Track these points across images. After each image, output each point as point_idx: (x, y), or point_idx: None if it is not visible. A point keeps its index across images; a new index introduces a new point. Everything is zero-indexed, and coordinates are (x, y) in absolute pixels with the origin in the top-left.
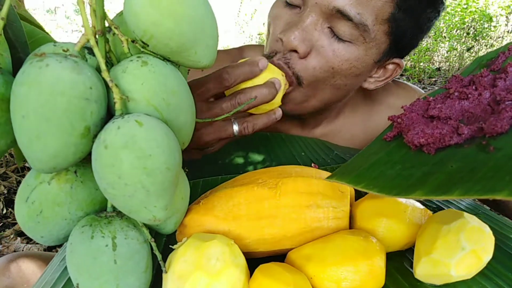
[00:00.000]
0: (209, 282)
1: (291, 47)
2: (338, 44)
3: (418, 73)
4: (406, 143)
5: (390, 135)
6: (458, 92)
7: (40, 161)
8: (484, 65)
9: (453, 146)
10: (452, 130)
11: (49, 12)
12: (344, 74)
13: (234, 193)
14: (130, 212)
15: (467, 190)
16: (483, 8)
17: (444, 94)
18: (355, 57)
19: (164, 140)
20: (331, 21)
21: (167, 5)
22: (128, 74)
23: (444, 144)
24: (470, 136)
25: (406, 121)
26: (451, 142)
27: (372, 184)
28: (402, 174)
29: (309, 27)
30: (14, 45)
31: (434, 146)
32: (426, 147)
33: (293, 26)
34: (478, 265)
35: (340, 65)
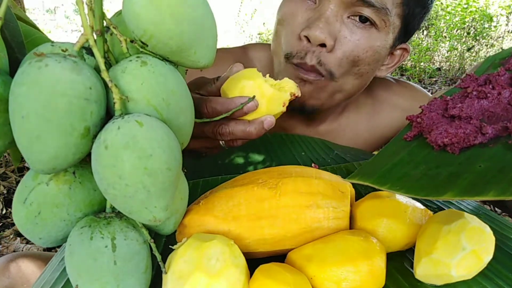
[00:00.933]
0: (209, 283)
1: (319, 41)
2: (361, 32)
3: (419, 73)
4: (429, 143)
5: (410, 135)
6: (476, 91)
7: (40, 161)
8: (498, 64)
9: (478, 145)
10: (476, 129)
11: (48, 12)
12: (368, 61)
13: (234, 193)
14: (130, 212)
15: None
16: (484, 8)
17: (462, 93)
18: (378, 42)
19: (164, 140)
20: (351, 10)
21: (167, 5)
22: (128, 74)
23: (469, 144)
24: (494, 135)
25: (427, 121)
26: (476, 141)
27: (397, 185)
28: (428, 174)
29: (330, 19)
30: (11, 45)
31: (458, 145)
32: (450, 146)
33: (316, 21)
34: (479, 265)
35: (365, 53)
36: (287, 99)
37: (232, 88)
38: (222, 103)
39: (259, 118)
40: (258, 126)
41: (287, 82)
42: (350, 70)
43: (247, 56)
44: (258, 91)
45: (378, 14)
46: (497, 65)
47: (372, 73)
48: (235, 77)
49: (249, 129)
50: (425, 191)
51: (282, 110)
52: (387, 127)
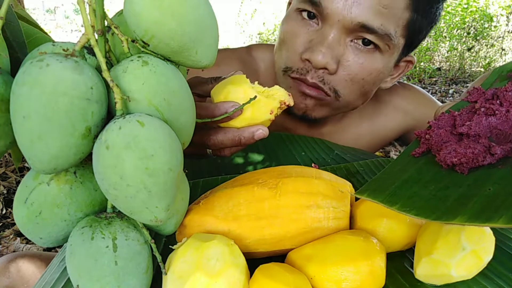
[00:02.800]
0: (209, 283)
1: (321, 65)
2: (364, 56)
3: (419, 73)
4: (438, 162)
5: (419, 151)
6: (484, 108)
7: (41, 161)
8: (505, 77)
9: (487, 166)
10: (485, 149)
11: (48, 12)
12: (372, 82)
13: (234, 193)
14: (131, 213)
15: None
16: (484, 8)
17: (470, 109)
18: (382, 65)
19: (166, 140)
20: (354, 35)
21: (169, 5)
22: (129, 74)
23: (478, 164)
24: (503, 155)
25: (435, 138)
26: (485, 162)
27: (407, 205)
28: (437, 195)
29: (333, 44)
30: (12, 44)
31: (467, 166)
32: (459, 166)
33: (318, 45)
34: (479, 265)
35: (369, 75)
36: (275, 106)
37: (218, 93)
38: (206, 108)
39: (251, 127)
40: (248, 136)
41: (277, 90)
42: (355, 90)
43: (251, 56)
44: (243, 97)
45: (382, 40)
46: (504, 77)
47: (376, 87)
48: (223, 82)
49: (238, 138)
50: (436, 213)
51: (270, 118)
52: (389, 129)
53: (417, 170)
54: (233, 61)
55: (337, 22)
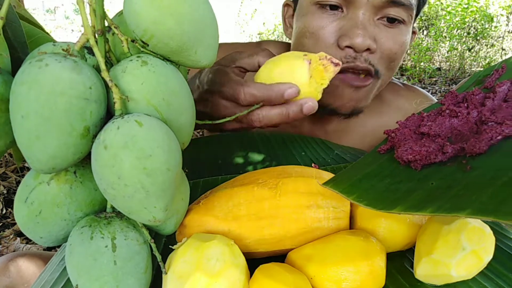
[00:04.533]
0: (209, 283)
1: (365, 47)
2: (393, 30)
3: (419, 73)
4: (396, 158)
5: (384, 148)
6: (449, 110)
7: (40, 161)
8: (480, 81)
9: (438, 163)
10: (438, 148)
11: (48, 12)
12: (400, 55)
13: (234, 193)
14: (130, 212)
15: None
16: (484, 8)
17: (437, 111)
18: (408, 35)
19: (164, 140)
20: (381, 13)
21: (168, 5)
22: (128, 74)
23: (430, 161)
24: (453, 154)
25: (399, 136)
26: (436, 159)
27: (362, 196)
28: (390, 188)
29: (366, 24)
30: (13, 45)
31: (420, 162)
32: (413, 163)
33: (353, 29)
34: (479, 265)
35: (400, 48)
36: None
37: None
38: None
39: (298, 101)
40: (296, 109)
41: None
42: (387, 66)
43: None
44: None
45: (407, 11)
46: (479, 82)
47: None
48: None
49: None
50: (383, 204)
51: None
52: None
53: (379, 165)
54: None
55: (366, 3)
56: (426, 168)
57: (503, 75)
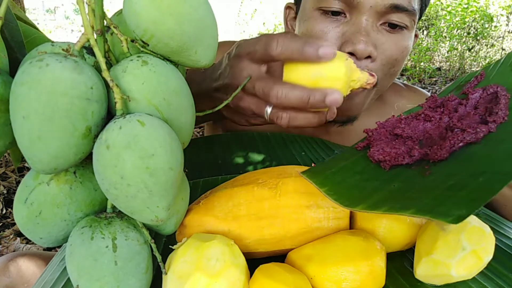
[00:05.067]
0: (209, 283)
1: (366, 54)
2: (396, 36)
3: (419, 73)
4: (369, 157)
5: (361, 145)
6: (424, 114)
7: (41, 162)
8: (461, 87)
9: (405, 165)
10: (407, 150)
11: (48, 12)
12: (402, 61)
13: (234, 193)
14: (132, 212)
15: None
16: (484, 8)
17: (415, 114)
18: (410, 41)
19: (166, 139)
20: (384, 18)
21: (168, 5)
22: (129, 74)
23: (398, 163)
24: (419, 158)
25: (375, 135)
26: (403, 162)
27: (332, 190)
28: (359, 185)
29: (368, 30)
30: (11, 45)
31: (389, 163)
32: (383, 163)
33: (356, 35)
34: (479, 265)
35: (401, 53)
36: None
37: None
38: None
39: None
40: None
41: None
42: (387, 72)
43: None
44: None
45: (409, 17)
46: (460, 87)
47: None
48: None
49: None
50: (349, 201)
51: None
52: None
53: (353, 161)
54: None
55: (369, 9)
56: (394, 168)
57: (481, 82)
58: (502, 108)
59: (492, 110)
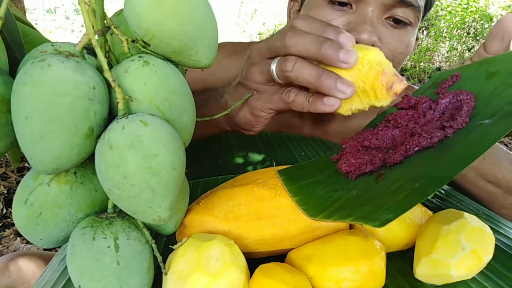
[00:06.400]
0: (209, 282)
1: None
2: (400, 31)
3: (418, 73)
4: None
5: (335, 157)
6: (393, 120)
7: (44, 162)
8: (437, 84)
9: (368, 173)
10: (370, 159)
11: (49, 12)
12: (404, 56)
13: (234, 193)
14: (135, 212)
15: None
16: (484, 8)
17: (386, 120)
18: (413, 37)
19: (169, 139)
20: (390, 11)
21: (170, 5)
22: (130, 74)
23: (361, 172)
24: (380, 165)
25: (348, 148)
26: (366, 170)
27: (304, 200)
28: (326, 195)
29: (374, 22)
30: (10, 45)
31: (354, 173)
32: (350, 173)
33: (361, 24)
34: (478, 265)
35: (405, 48)
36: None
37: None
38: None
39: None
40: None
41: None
42: None
43: None
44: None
45: (414, 13)
46: (436, 85)
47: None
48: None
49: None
50: (314, 211)
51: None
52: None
53: (328, 174)
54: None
55: (375, 1)
56: (359, 177)
57: (457, 82)
58: (462, 115)
59: (454, 116)
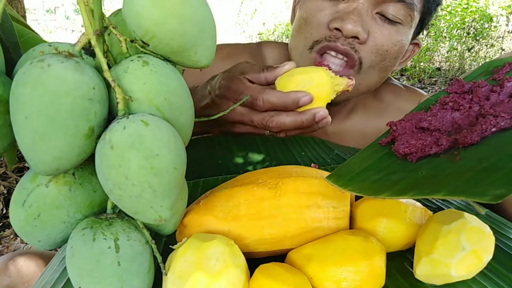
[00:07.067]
0: (209, 282)
1: (353, 33)
2: (390, 27)
3: (419, 73)
4: (394, 152)
5: (385, 141)
6: (452, 102)
7: (44, 162)
8: (490, 72)
9: (432, 155)
10: (434, 141)
11: (49, 12)
12: (394, 55)
13: (234, 193)
14: (136, 212)
15: (417, 192)
16: (484, 8)
17: (441, 103)
18: (404, 37)
19: (170, 139)
20: (380, 6)
21: (169, 5)
22: (130, 74)
23: (425, 154)
24: (448, 146)
25: (400, 130)
26: (431, 151)
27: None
28: (383, 178)
29: (362, 13)
30: (6, 45)
31: (416, 155)
32: (409, 156)
33: (349, 14)
34: (479, 265)
35: (393, 47)
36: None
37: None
38: (279, 96)
39: (311, 109)
40: (309, 117)
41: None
42: (377, 64)
43: (261, 53)
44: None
45: (406, 10)
46: (489, 72)
47: (392, 68)
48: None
49: (299, 120)
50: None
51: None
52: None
53: (378, 159)
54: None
55: None
56: (421, 160)
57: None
58: None
59: None
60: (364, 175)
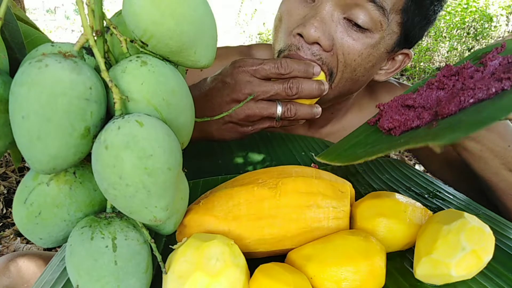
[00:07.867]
0: (209, 282)
1: (313, 39)
2: (357, 33)
3: (419, 73)
4: (379, 128)
5: (373, 120)
6: (437, 82)
7: (40, 162)
8: (479, 57)
9: (415, 128)
10: (417, 115)
11: (49, 12)
12: (363, 64)
13: (234, 193)
14: (131, 212)
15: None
16: (484, 8)
17: (428, 84)
18: (373, 44)
19: (165, 140)
20: (348, 11)
21: (167, 5)
22: (128, 74)
23: (407, 127)
24: (429, 120)
25: (387, 109)
26: (413, 125)
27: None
28: (367, 151)
29: (326, 19)
30: (11, 45)
31: (399, 129)
32: (393, 130)
33: (310, 19)
34: (479, 265)
35: (361, 55)
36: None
37: None
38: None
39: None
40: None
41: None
42: (347, 73)
43: (251, 55)
44: None
45: (375, 14)
46: (478, 58)
47: (367, 77)
48: None
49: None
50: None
51: None
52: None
53: (366, 135)
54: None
55: None
56: (404, 133)
57: (501, 53)
58: None
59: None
60: (350, 150)
